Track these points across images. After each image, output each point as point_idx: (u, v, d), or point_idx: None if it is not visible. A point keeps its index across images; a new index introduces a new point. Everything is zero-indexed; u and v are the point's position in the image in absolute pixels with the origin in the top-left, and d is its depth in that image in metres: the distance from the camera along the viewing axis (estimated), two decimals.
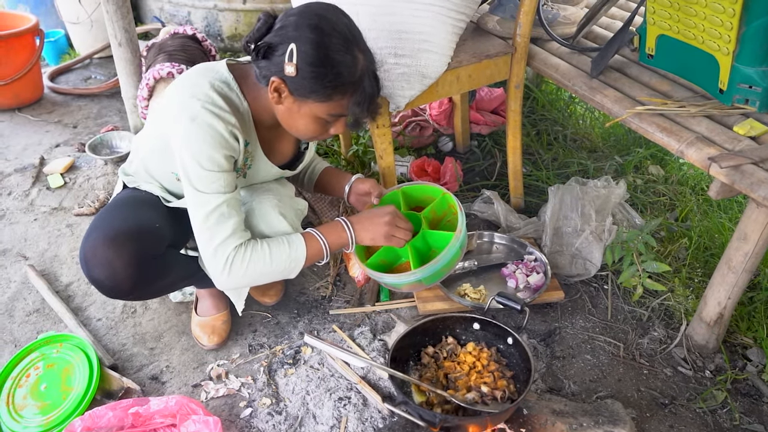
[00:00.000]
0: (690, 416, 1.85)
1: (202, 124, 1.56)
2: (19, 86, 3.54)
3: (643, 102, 1.94)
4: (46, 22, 4.17)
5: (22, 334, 2.14)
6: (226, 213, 1.64)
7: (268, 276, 1.76)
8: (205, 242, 1.66)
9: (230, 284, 1.73)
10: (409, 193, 2.10)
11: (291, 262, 1.75)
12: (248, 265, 1.68)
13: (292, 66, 1.52)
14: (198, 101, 1.57)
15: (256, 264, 1.69)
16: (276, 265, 1.73)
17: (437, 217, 2.06)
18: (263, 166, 1.85)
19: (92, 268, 1.67)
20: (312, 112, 1.62)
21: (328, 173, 2.16)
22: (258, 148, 1.79)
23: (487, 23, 2.31)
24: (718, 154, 1.65)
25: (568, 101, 3.34)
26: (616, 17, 2.55)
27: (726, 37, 1.72)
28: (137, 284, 1.71)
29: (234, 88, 1.66)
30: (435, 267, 1.87)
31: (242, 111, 1.69)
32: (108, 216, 1.78)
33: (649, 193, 2.68)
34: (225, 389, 1.91)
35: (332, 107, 1.61)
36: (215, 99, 1.59)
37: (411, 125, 3.07)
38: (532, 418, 1.72)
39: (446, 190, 2.02)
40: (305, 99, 1.59)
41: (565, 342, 2.07)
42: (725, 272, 1.85)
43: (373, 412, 1.80)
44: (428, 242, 1.98)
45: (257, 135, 1.77)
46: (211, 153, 1.58)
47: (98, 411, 1.71)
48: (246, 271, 1.68)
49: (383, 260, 1.99)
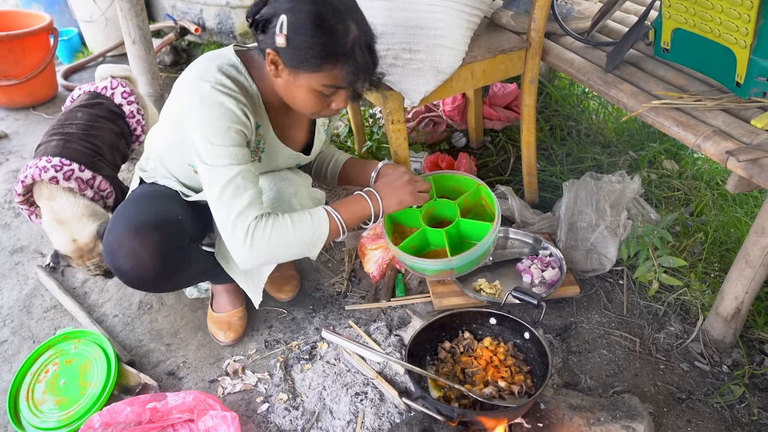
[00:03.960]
0: (707, 411, 1.84)
1: (213, 102, 1.57)
2: (33, 85, 3.57)
3: (658, 96, 1.93)
4: (59, 20, 4.20)
5: (40, 330, 2.16)
6: (241, 185, 1.60)
7: (291, 248, 1.69)
8: (223, 218, 1.62)
9: (253, 257, 1.65)
10: (440, 180, 2.10)
11: (314, 232, 1.70)
12: (270, 235, 1.63)
13: (283, 37, 1.51)
14: (207, 83, 1.58)
15: (279, 234, 1.64)
16: (299, 237, 1.67)
17: (468, 207, 2.07)
18: (278, 149, 1.84)
19: (117, 258, 1.69)
20: (307, 83, 1.59)
21: (352, 163, 2.13)
22: (270, 131, 1.78)
23: (501, 18, 2.30)
24: (736, 148, 1.64)
25: (581, 96, 3.32)
26: (631, 11, 2.53)
27: (743, 30, 1.70)
28: (161, 275, 1.73)
29: (242, 71, 1.67)
30: (471, 256, 1.88)
31: (251, 93, 1.69)
32: (131, 208, 1.80)
33: (663, 187, 2.66)
34: (242, 385, 1.92)
35: (325, 78, 1.58)
36: (224, 81, 1.60)
37: (424, 121, 3.07)
38: (550, 413, 1.72)
39: (481, 182, 2.02)
40: (298, 70, 1.57)
41: (581, 337, 2.07)
42: (743, 266, 1.84)
43: (390, 407, 1.81)
44: (461, 231, 1.98)
45: (269, 119, 1.77)
46: (222, 127, 1.57)
47: (116, 406, 1.72)
48: (269, 241, 1.63)
49: (413, 246, 1.97)
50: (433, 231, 1.94)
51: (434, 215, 2.06)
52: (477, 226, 1.94)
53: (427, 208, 2.01)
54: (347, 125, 3.03)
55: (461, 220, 1.95)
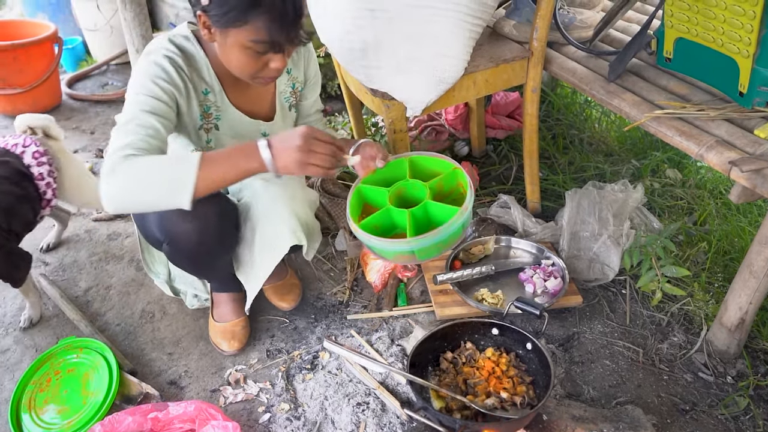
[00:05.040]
0: (712, 423, 1.83)
1: (149, 62, 1.64)
2: (38, 93, 3.59)
3: (661, 106, 1.93)
4: (64, 29, 4.22)
5: (42, 338, 2.15)
6: (132, 129, 1.54)
7: (152, 187, 1.50)
8: (106, 149, 1.57)
9: (111, 194, 1.49)
10: (418, 162, 1.91)
11: (178, 170, 1.50)
12: (130, 167, 1.48)
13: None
14: (151, 46, 1.68)
15: (139, 167, 1.49)
16: (161, 172, 1.50)
17: (443, 192, 1.88)
18: (236, 117, 1.84)
19: (181, 220, 1.71)
20: (237, 41, 1.57)
21: None
22: (225, 99, 1.80)
23: (503, 28, 2.31)
24: (739, 158, 1.64)
25: (583, 105, 3.32)
26: (633, 20, 2.53)
27: (746, 40, 1.70)
28: (218, 243, 1.82)
29: (191, 40, 1.73)
30: (431, 240, 1.68)
31: (198, 59, 1.73)
32: None
33: (666, 196, 2.66)
34: (243, 394, 1.92)
35: (251, 32, 1.54)
36: (168, 46, 1.68)
37: (427, 130, 3.07)
38: (552, 424, 1.71)
39: (458, 165, 1.86)
40: (226, 28, 1.56)
41: (584, 347, 2.06)
42: (747, 277, 1.83)
43: (392, 418, 1.80)
44: (429, 215, 1.80)
45: (223, 87, 1.78)
46: (146, 81, 1.61)
47: (118, 416, 1.72)
48: (126, 174, 1.48)
49: (376, 225, 1.80)
50: (398, 211, 1.76)
51: (405, 196, 1.87)
52: (445, 209, 1.74)
53: (398, 188, 1.84)
54: (350, 134, 3.04)
55: (429, 203, 1.76)
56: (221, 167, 1.53)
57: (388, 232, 1.84)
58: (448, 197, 1.88)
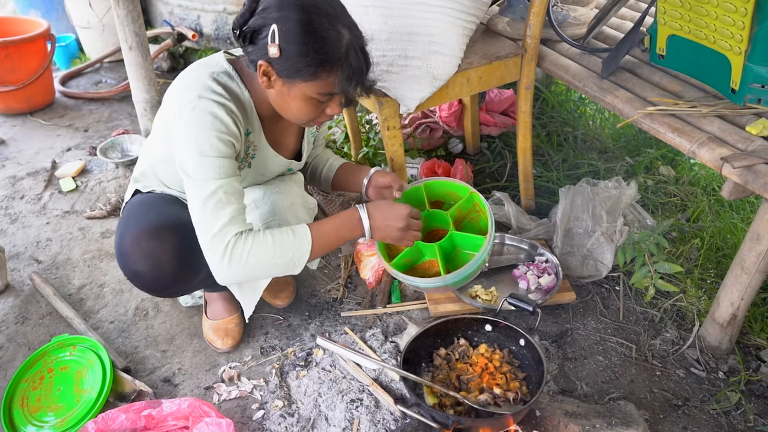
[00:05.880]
0: (704, 418, 1.84)
1: (202, 111, 1.54)
2: (31, 91, 3.57)
3: (654, 102, 1.94)
4: (56, 26, 4.21)
5: (35, 336, 2.15)
6: (223, 199, 1.56)
7: (271, 267, 1.64)
8: (203, 233, 1.58)
9: (231, 275, 1.61)
10: (433, 187, 2.05)
11: (295, 252, 1.64)
12: (249, 253, 1.57)
13: (275, 47, 1.49)
14: (197, 91, 1.56)
15: (258, 252, 1.58)
16: (279, 256, 1.62)
17: (461, 215, 2.02)
18: (269, 156, 1.83)
19: (135, 260, 1.69)
20: (302, 92, 1.57)
21: (346, 168, 2.12)
22: (262, 138, 1.77)
23: (497, 25, 2.31)
24: (731, 155, 1.64)
25: (578, 102, 3.33)
26: (627, 18, 2.54)
27: (738, 37, 1.71)
28: (178, 277, 1.75)
29: (235, 78, 1.66)
30: (465, 272, 1.83)
31: (243, 100, 1.68)
32: (142, 212, 1.79)
33: (660, 193, 2.67)
34: (237, 391, 1.92)
35: (321, 86, 1.56)
36: (215, 88, 1.58)
37: (421, 127, 3.07)
38: (545, 420, 1.72)
39: (473, 189, 1.98)
40: (293, 80, 1.55)
41: (577, 343, 2.06)
42: (738, 273, 1.84)
43: (386, 414, 1.80)
44: (455, 244, 1.94)
45: (262, 127, 1.76)
46: (210, 138, 1.54)
47: (111, 413, 1.72)
48: (247, 259, 1.58)
49: (407, 260, 1.93)
50: (426, 246, 1.90)
51: (426, 225, 2.00)
52: (470, 238, 1.89)
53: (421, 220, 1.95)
54: (344, 131, 3.03)
55: (454, 233, 1.90)
56: (328, 240, 1.71)
57: (417, 261, 1.97)
58: (466, 218, 2.04)
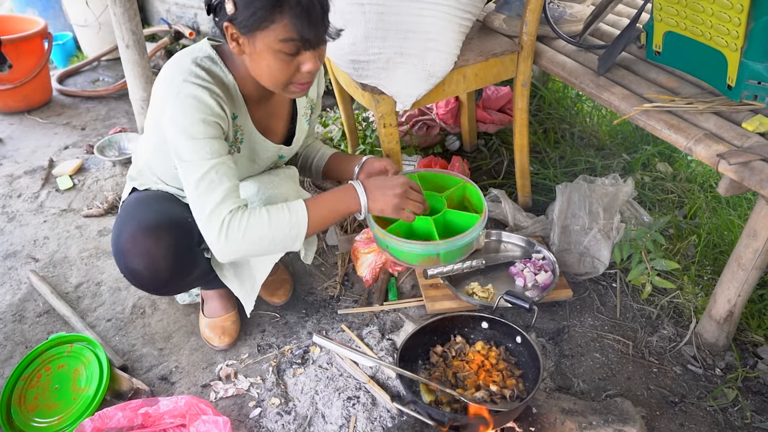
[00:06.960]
0: (700, 414, 1.84)
1: (187, 95, 1.55)
2: (28, 89, 3.57)
3: (650, 99, 1.93)
4: (54, 25, 4.20)
5: (33, 335, 2.15)
6: (215, 179, 1.58)
7: (268, 243, 1.64)
8: (199, 212, 1.60)
9: (229, 251, 1.62)
10: (426, 179, 2.06)
11: (292, 227, 1.64)
12: (246, 229, 1.59)
13: (230, 2, 1.49)
14: (180, 77, 1.57)
15: (254, 228, 1.60)
16: (276, 230, 1.63)
17: (453, 204, 2.00)
18: (258, 141, 1.83)
19: (131, 258, 1.70)
20: (266, 45, 1.54)
21: (337, 158, 2.11)
22: (249, 122, 1.77)
23: (493, 22, 2.31)
24: (727, 151, 1.64)
25: (575, 99, 3.33)
26: (623, 14, 2.54)
27: (734, 33, 1.71)
28: (174, 275, 1.75)
29: (218, 62, 1.67)
30: (458, 243, 1.83)
31: (227, 83, 1.68)
32: (139, 210, 1.80)
33: (657, 190, 2.67)
34: (234, 389, 1.92)
35: (279, 31, 1.52)
36: (198, 72, 1.59)
37: (418, 124, 3.07)
38: (542, 417, 1.72)
39: (468, 179, 1.99)
40: (253, 33, 1.53)
41: (574, 340, 2.06)
42: (735, 269, 1.84)
43: (382, 412, 1.80)
44: (448, 223, 1.93)
45: (248, 110, 1.76)
46: (196, 121, 1.55)
47: (108, 411, 1.72)
48: (244, 235, 1.59)
49: (398, 232, 1.90)
50: (420, 218, 1.86)
51: None
52: (464, 217, 1.90)
53: None
54: (341, 129, 3.03)
55: (449, 211, 1.90)
56: (324, 213, 1.70)
57: (407, 238, 1.91)
58: (456, 208, 2.00)
